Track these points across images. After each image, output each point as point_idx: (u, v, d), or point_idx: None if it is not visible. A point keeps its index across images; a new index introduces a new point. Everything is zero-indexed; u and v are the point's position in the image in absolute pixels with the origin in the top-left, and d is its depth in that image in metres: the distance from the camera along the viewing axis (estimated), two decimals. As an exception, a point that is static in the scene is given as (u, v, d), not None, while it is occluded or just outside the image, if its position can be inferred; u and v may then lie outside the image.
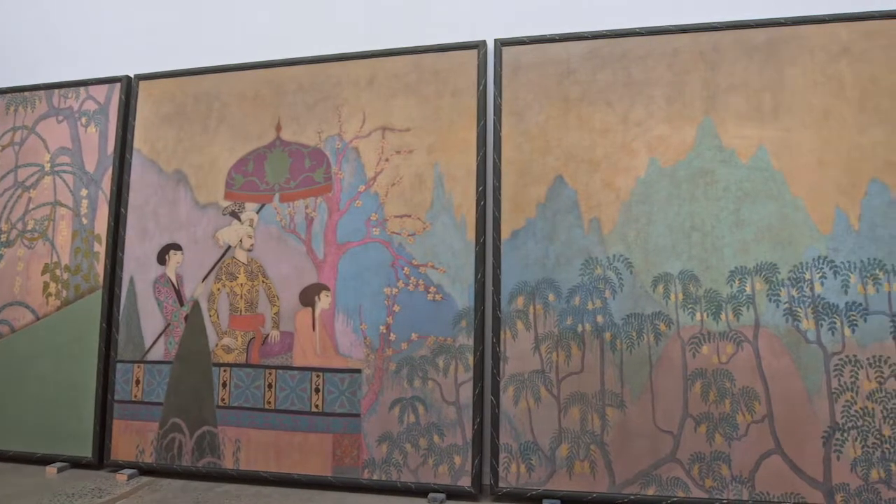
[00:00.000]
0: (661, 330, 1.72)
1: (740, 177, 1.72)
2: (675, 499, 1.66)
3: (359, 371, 1.84)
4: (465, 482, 1.75)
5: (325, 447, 1.82)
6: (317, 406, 1.84)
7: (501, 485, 1.75)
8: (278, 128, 1.99)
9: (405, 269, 1.84)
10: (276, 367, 1.87)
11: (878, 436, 1.66)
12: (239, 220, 1.97)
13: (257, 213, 1.97)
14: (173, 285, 1.97)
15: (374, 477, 1.79)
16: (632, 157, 1.78)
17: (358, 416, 1.83)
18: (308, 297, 1.89)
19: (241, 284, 1.94)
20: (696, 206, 1.73)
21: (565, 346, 1.75)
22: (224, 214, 1.99)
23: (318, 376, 1.85)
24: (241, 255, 1.96)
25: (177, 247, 2.00)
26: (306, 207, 1.93)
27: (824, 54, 1.73)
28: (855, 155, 1.68)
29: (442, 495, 1.76)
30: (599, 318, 1.74)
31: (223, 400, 1.90)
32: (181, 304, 1.95)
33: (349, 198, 1.91)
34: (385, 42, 2.01)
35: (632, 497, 1.68)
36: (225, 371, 1.92)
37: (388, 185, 1.89)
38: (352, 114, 1.94)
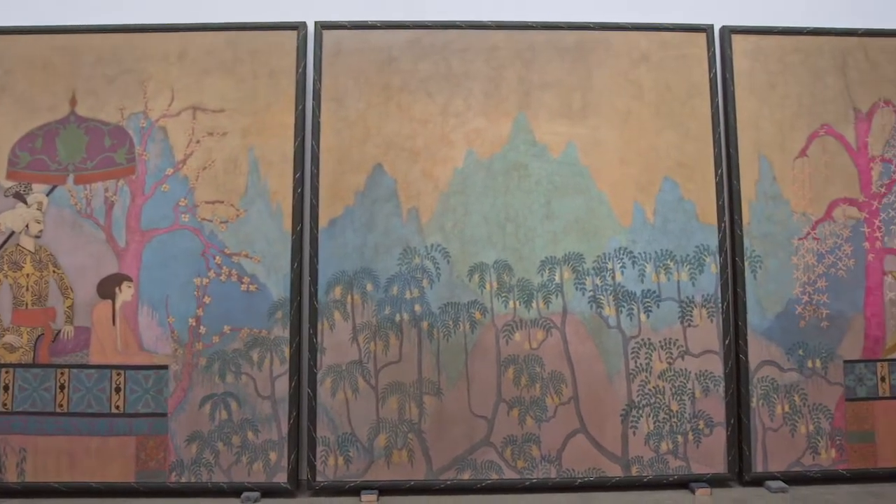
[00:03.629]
0: (476, 318, 2.23)
1: (551, 171, 2.26)
2: (489, 481, 2.16)
3: (165, 367, 2.16)
4: (281, 478, 2.13)
5: (128, 451, 2.13)
6: (117, 407, 2.14)
7: (319, 479, 2.15)
8: (73, 101, 2.24)
9: (217, 258, 2.19)
10: (70, 367, 2.14)
11: (667, 411, 2.24)
12: (24, 202, 2.20)
13: (47, 195, 2.21)
14: (-56, 276, 2.04)
15: (183, 479, 2.11)
16: (450, 148, 2.26)
17: (164, 415, 2.14)
18: (107, 288, 2.19)
19: (28, 275, 2.17)
20: (510, 198, 2.26)
21: (383, 336, 2.21)
22: (6, 196, 2.19)
23: (118, 374, 2.16)
24: (28, 243, 2.19)
25: (-54, 232, 2.07)
26: (106, 190, 2.21)
27: (627, 60, 2.31)
28: (651, 155, 2.29)
29: (256, 494, 2.11)
30: (417, 308, 2.22)
31: (5, 405, 2.12)
32: (-46, 297, 2.03)
33: (155, 181, 2.21)
34: (198, 15, 2.32)
35: (448, 482, 2.15)
36: (7, 372, 2.14)
37: (198, 168, 2.22)
38: (159, 90, 2.24)
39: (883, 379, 2.31)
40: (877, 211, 2.36)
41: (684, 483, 2.23)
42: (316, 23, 2.30)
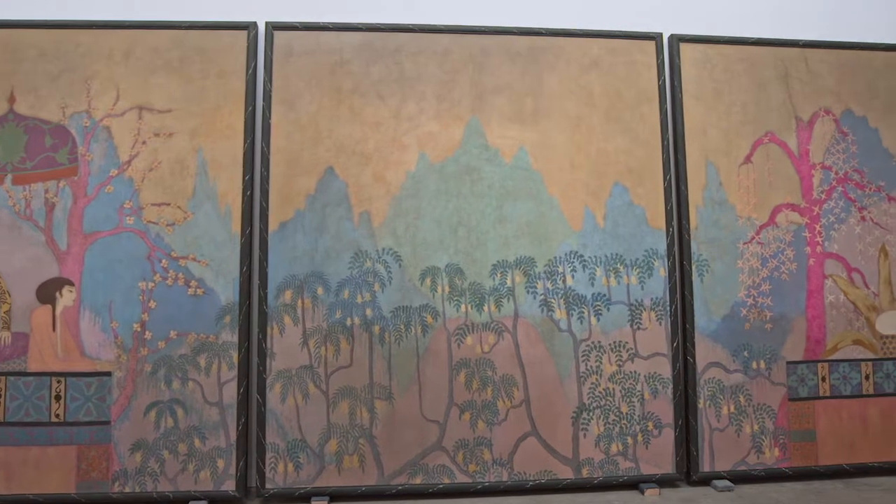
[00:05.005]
0: (428, 322, 2.31)
1: (503, 175, 2.36)
2: (440, 485, 2.24)
3: (109, 374, 2.18)
4: (230, 486, 2.17)
5: (68, 461, 2.13)
6: (57, 416, 2.14)
7: (268, 486, 2.19)
8: (12, 98, 2.25)
9: (163, 261, 2.22)
10: (7, 374, 2.14)
11: (617, 413, 2.35)
12: (-42, 203, 2.09)
13: (-17, 196, 2.12)
14: None
15: (127, 489, 2.14)
16: (403, 151, 2.33)
17: (107, 423, 2.16)
18: (47, 292, 2.20)
19: (-39, 279, 2.08)
20: (462, 201, 2.34)
21: (334, 341, 2.27)
22: (-62, 196, 2.09)
23: (59, 382, 2.16)
24: (-39, 245, 2.08)
25: None
26: (46, 192, 2.21)
27: (578, 66, 2.43)
28: (601, 160, 2.41)
29: (204, 502, 2.14)
30: (369, 312, 2.28)
31: (-66, 415, 2.02)
32: None
33: (99, 182, 2.23)
34: (145, 12, 2.36)
35: (400, 487, 2.22)
36: (-62, 381, 2.04)
37: (144, 170, 2.25)
38: (103, 89, 2.26)
39: (823, 379, 2.47)
40: (818, 216, 2.51)
41: (634, 484, 2.34)
42: (267, 23, 2.35)
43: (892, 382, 2.50)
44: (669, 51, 2.52)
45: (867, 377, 2.48)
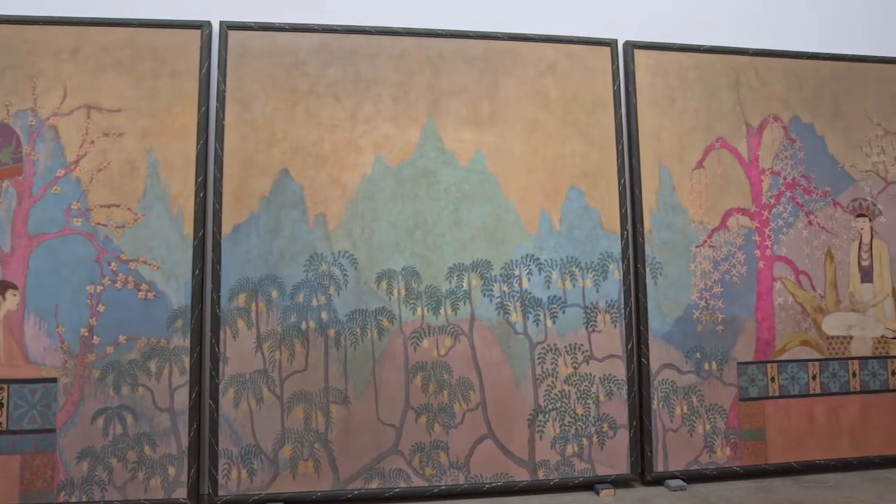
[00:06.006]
0: (384, 325, 2.35)
1: (459, 178, 2.42)
2: (397, 489, 2.28)
3: (54, 380, 2.18)
4: (181, 494, 2.18)
5: (11, 471, 2.12)
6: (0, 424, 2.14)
7: (221, 493, 2.21)
8: None
9: (112, 264, 2.23)
10: None
11: (573, 415, 2.42)
12: None
13: (-79, 196, 2.09)
14: None
15: (73, 499, 2.13)
16: (359, 153, 2.38)
17: (53, 431, 2.15)
18: None
19: None
20: (419, 204, 2.40)
21: (289, 345, 2.29)
22: None
23: (1, 389, 2.15)
24: None
25: None
26: None
27: (534, 70, 2.51)
28: (558, 163, 2.49)
29: None
30: (324, 315, 2.32)
31: None
32: None
33: (45, 183, 2.23)
34: (94, 9, 2.36)
35: (356, 492, 2.25)
36: None
37: (93, 170, 2.25)
38: (50, 87, 2.26)
39: (773, 379, 2.58)
40: (767, 220, 2.64)
41: (590, 485, 2.43)
42: (221, 22, 2.38)
43: (837, 382, 2.63)
44: (624, 57, 2.62)
45: (814, 377, 2.61)
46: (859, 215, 2.71)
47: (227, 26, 2.37)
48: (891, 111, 2.79)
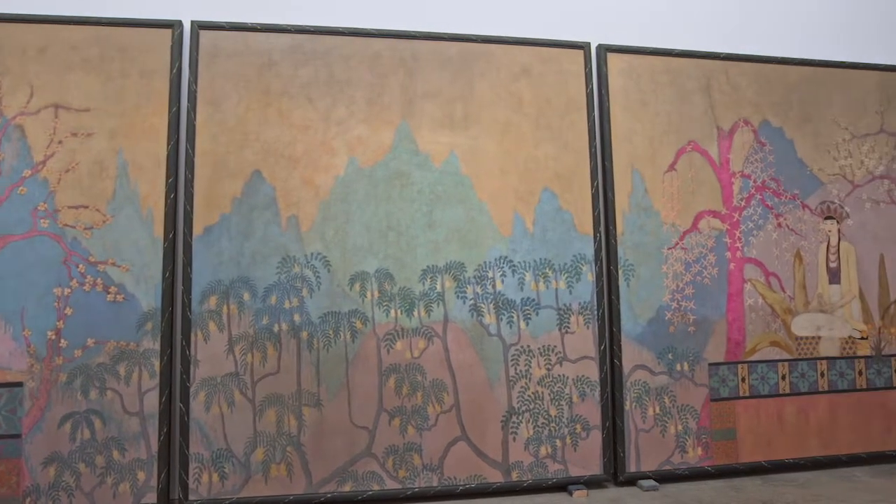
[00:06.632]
0: (357, 327, 2.38)
1: (433, 180, 2.46)
2: (370, 492, 2.30)
3: (20, 385, 2.17)
4: (151, 499, 2.18)
5: None
6: None
7: (192, 497, 2.21)
8: None
9: (80, 266, 2.23)
10: None
11: (546, 416, 2.47)
12: None
13: None
14: None
15: None
16: (332, 155, 2.41)
17: (18, 436, 2.15)
18: None
19: None
20: (392, 206, 2.43)
21: (261, 347, 2.31)
22: None
23: None
24: None
25: None
26: None
27: (508, 73, 2.56)
28: (531, 166, 2.54)
29: None
30: (296, 317, 2.34)
31: None
32: None
33: (11, 183, 2.22)
34: (62, 7, 2.36)
35: (328, 495, 2.27)
36: None
37: (60, 171, 2.24)
38: (16, 86, 2.25)
39: (743, 379, 2.65)
40: (737, 223, 2.71)
41: (563, 486, 2.47)
42: (192, 22, 2.39)
43: (806, 382, 2.71)
44: (597, 60, 2.67)
45: (783, 377, 2.69)
46: (827, 218, 2.79)
47: (199, 26, 2.39)
48: (857, 116, 2.88)
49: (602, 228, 2.58)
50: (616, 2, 2.85)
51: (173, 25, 2.37)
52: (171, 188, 2.30)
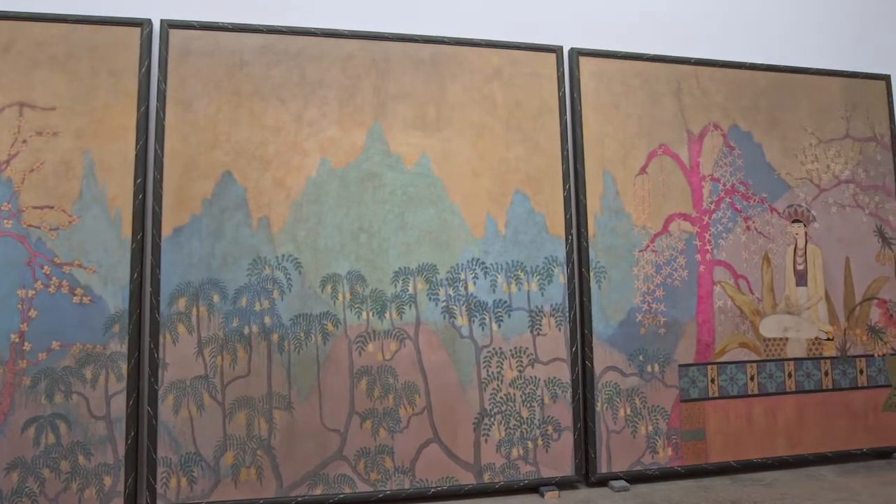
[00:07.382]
0: (328, 330, 2.40)
1: (405, 182, 2.49)
2: (341, 495, 2.32)
3: None
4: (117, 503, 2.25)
5: None
6: None
7: (160, 502, 2.21)
8: None
9: (45, 267, 2.22)
10: None
11: (518, 418, 2.50)
12: None
13: None
14: None
15: None
16: (303, 156, 2.43)
17: None
18: None
19: None
20: (364, 208, 2.46)
21: (231, 350, 2.32)
22: None
23: None
24: None
25: None
26: None
27: (480, 75, 2.60)
28: (503, 168, 2.58)
29: None
30: (267, 319, 2.36)
31: None
32: None
33: None
34: (28, 3, 2.34)
35: (299, 499, 2.28)
36: None
37: (25, 170, 2.24)
38: None
39: (713, 380, 2.72)
40: (707, 225, 2.78)
41: (535, 487, 2.51)
42: (162, 21, 2.40)
43: (774, 382, 2.79)
44: (569, 64, 2.73)
45: (752, 378, 2.76)
46: (795, 221, 2.88)
47: (169, 24, 2.40)
48: (823, 121, 2.98)
49: (574, 230, 2.63)
50: (589, 7, 2.92)
51: (143, 24, 2.38)
52: (140, 189, 2.30)
